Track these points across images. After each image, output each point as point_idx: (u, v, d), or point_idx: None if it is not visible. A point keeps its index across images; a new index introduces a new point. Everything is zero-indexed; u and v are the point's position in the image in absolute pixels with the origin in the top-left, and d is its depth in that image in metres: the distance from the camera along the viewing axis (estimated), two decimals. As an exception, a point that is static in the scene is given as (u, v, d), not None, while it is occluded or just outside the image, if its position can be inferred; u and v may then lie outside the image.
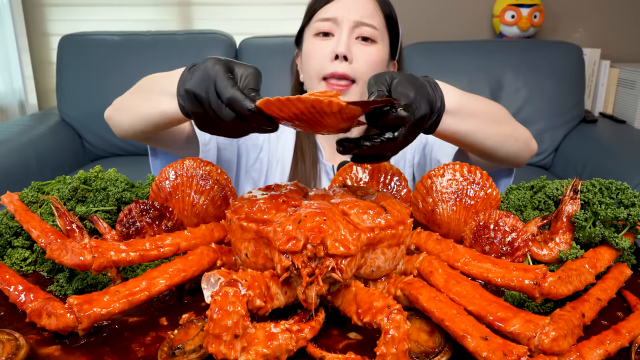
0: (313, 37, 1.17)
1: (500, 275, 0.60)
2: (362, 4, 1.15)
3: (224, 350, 0.50)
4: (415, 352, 0.55)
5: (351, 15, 1.13)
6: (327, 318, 0.60)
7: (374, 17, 1.15)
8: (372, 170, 0.85)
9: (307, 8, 1.23)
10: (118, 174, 0.84)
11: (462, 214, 0.76)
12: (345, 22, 1.13)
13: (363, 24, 1.13)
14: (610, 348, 0.55)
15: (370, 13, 1.15)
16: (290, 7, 2.92)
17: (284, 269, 0.57)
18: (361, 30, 1.14)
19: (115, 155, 2.65)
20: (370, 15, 1.15)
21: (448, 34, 2.79)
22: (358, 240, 0.58)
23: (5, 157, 2.12)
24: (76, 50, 2.57)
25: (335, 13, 1.14)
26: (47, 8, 2.93)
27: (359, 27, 1.14)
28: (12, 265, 0.74)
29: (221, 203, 0.79)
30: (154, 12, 2.94)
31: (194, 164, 0.79)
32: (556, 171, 2.50)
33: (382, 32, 1.17)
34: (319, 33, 1.16)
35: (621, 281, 0.67)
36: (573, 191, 0.73)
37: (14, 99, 2.86)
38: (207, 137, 1.12)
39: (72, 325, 0.56)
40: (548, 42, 2.63)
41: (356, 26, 1.13)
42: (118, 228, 0.74)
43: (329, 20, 1.15)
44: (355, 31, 1.14)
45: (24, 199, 0.81)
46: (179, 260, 0.63)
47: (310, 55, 1.17)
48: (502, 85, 2.54)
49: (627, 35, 2.84)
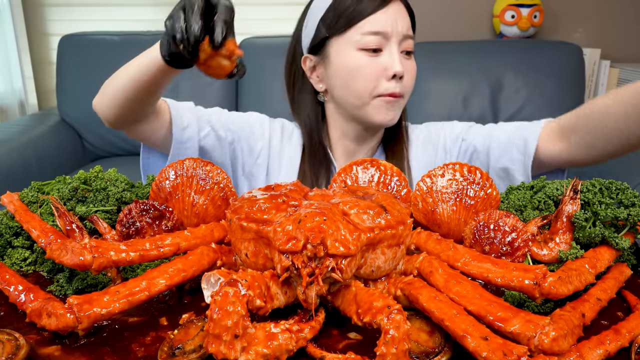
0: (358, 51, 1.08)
1: (500, 275, 0.60)
2: (403, 15, 1.10)
3: (224, 350, 0.50)
4: (415, 352, 0.55)
5: (400, 28, 1.07)
6: (327, 318, 0.60)
7: (410, 28, 1.11)
8: (372, 170, 0.85)
9: (337, 13, 1.09)
10: (118, 174, 0.84)
11: (462, 214, 0.76)
12: (395, 37, 1.07)
13: (407, 37, 1.09)
14: (610, 348, 0.55)
15: (408, 24, 1.11)
16: (290, 7, 2.92)
17: (284, 269, 0.57)
18: (406, 44, 1.09)
19: (115, 155, 2.65)
20: (408, 26, 1.10)
21: (448, 34, 2.79)
22: (358, 240, 0.58)
23: (5, 157, 2.12)
24: (76, 50, 2.57)
25: (385, 26, 1.06)
26: (47, 8, 2.92)
27: (405, 40, 1.09)
28: (12, 265, 0.74)
29: (221, 203, 0.79)
30: (154, 12, 2.94)
31: (194, 164, 0.79)
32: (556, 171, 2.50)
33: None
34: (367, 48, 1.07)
35: (621, 281, 0.68)
36: (573, 191, 0.73)
37: (14, 99, 2.86)
38: (185, 136, 1.09)
39: (72, 325, 0.56)
40: (548, 42, 2.63)
41: (403, 40, 1.08)
42: (118, 228, 0.74)
43: (379, 34, 1.06)
44: (403, 44, 1.09)
45: (24, 199, 0.81)
46: (179, 260, 0.63)
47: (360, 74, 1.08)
48: (502, 85, 2.54)
49: (627, 35, 2.84)
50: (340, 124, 1.20)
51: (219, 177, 0.79)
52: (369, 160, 0.84)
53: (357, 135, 1.20)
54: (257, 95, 2.61)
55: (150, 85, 0.95)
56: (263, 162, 1.22)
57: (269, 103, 2.55)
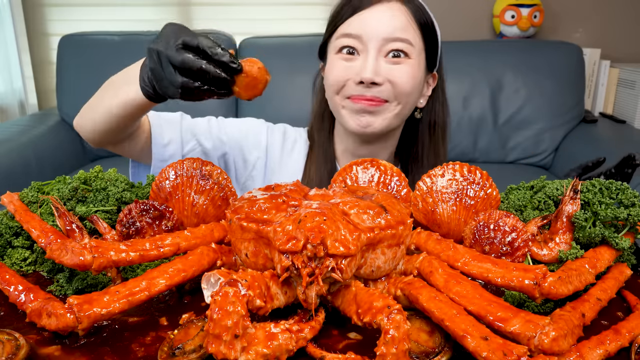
0: (335, 54, 1.04)
1: (500, 275, 0.60)
2: (392, 16, 1.01)
3: (224, 350, 0.50)
4: (415, 352, 0.55)
5: (380, 32, 1.00)
6: (327, 318, 0.60)
7: (407, 30, 1.01)
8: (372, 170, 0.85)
9: (330, 19, 1.08)
10: (118, 174, 0.84)
11: (462, 214, 0.76)
12: (373, 42, 1.00)
13: (395, 39, 1.00)
14: (610, 348, 0.55)
15: (403, 25, 1.01)
16: (290, 7, 2.92)
17: (284, 269, 0.57)
18: (393, 45, 1.00)
19: (115, 155, 2.62)
20: (403, 27, 1.01)
21: (448, 34, 2.78)
22: (358, 240, 0.58)
23: (5, 157, 2.12)
24: (76, 50, 2.57)
25: (361, 29, 1.00)
26: (47, 8, 2.92)
27: (389, 43, 1.00)
28: (12, 265, 0.74)
29: (221, 203, 0.79)
30: (154, 12, 2.94)
31: (194, 164, 0.79)
32: (556, 171, 2.50)
33: (418, 44, 1.03)
34: (342, 50, 1.03)
35: (621, 281, 0.67)
36: (573, 191, 0.73)
37: (14, 99, 2.86)
38: (167, 153, 1.06)
39: (72, 325, 0.56)
40: (548, 42, 2.64)
41: (386, 43, 1.00)
42: (118, 228, 0.74)
43: (353, 37, 1.01)
44: (386, 47, 1.01)
45: (24, 199, 0.81)
46: (179, 260, 0.63)
47: (332, 75, 1.04)
48: (502, 85, 2.54)
49: (627, 35, 2.84)
50: (341, 136, 1.15)
51: (219, 177, 0.79)
52: (369, 160, 0.84)
53: (355, 150, 1.13)
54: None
55: (132, 115, 0.92)
56: (259, 175, 1.16)
57: (269, 103, 2.55)
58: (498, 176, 0.88)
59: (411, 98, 1.06)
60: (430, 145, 1.16)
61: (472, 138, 2.55)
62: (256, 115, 1.27)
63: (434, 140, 1.16)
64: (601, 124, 2.57)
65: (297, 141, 1.19)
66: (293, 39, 2.62)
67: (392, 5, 1.03)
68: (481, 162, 2.57)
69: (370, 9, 1.02)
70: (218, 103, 2.61)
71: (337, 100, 1.06)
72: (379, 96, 1.02)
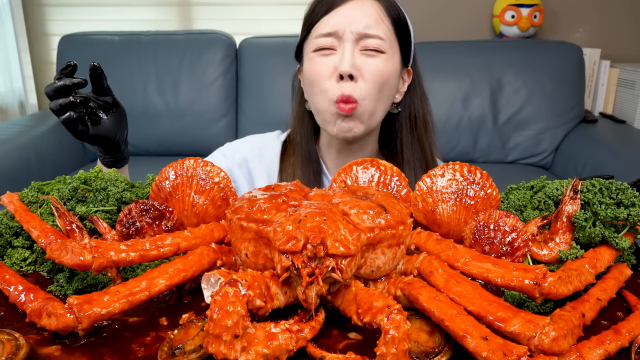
0: (312, 52, 1.07)
1: (500, 275, 0.60)
2: (364, 13, 1.04)
3: (224, 350, 0.50)
4: (415, 352, 0.55)
5: (353, 27, 1.03)
6: (327, 318, 0.60)
7: (379, 26, 1.04)
8: (372, 170, 0.85)
9: (304, 20, 1.11)
10: (118, 174, 0.84)
11: (462, 214, 0.76)
12: (348, 35, 1.02)
13: (367, 36, 1.03)
14: (610, 348, 0.55)
15: (375, 21, 1.04)
16: (290, 7, 2.92)
17: (284, 269, 0.57)
18: (366, 42, 1.03)
19: (115, 155, 2.65)
20: (375, 23, 1.04)
21: (448, 34, 2.79)
22: (358, 240, 0.58)
23: (5, 157, 2.12)
24: (76, 51, 2.57)
25: (336, 26, 1.03)
26: (47, 8, 2.93)
27: (363, 39, 1.03)
28: (12, 265, 0.74)
29: (221, 203, 0.79)
30: (154, 12, 2.94)
31: (194, 164, 0.79)
32: (556, 171, 2.50)
33: (391, 40, 1.06)
34: (320, 50, 1.05)
35: (621, 281, 0.67)
36: (573, 191, 0.73)
37: (14, 99, 2.86)
38: None
39: (72, 325, 0.56)
40: (548, 42, 2.63)
41: (360, 38, 1.03)
42: (118, 228, 0.74)
43: (330, 35, 1.04)
44: (361, 43, 1.03)
45: (24, 199, 0.81)
46: (179, 260, 0.63)
47: (314, 75, 1.06)
48: (502, 85, 2.54)
49: (627, 35, 2.84)
50: (323, 134, 1.17)
51: (219, 177, 0.79)
52: (369, 160, 0.84)
53: (340, 147, 1.15)
54: (256, 95, 2.60)
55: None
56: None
57: (269, 103, 2.55)
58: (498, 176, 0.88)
59: (386, 92, 1.08)
60: (412, 139, 1.17)
61: (472, 138, 2.55)
62: (256, 115, 1.29)
63: (416, 134, 1.17)
64: (601, 124, 2.57)
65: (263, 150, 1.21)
66: (293, 39, 2.61)
67: (365, 2, 1.06)
68: (481, 162, 2.57)
69: (343, 6, 1.05)
70: (218, 103, 2.61)
71: (318, 101, 1.07)
72: (354, 95, 1.02)
